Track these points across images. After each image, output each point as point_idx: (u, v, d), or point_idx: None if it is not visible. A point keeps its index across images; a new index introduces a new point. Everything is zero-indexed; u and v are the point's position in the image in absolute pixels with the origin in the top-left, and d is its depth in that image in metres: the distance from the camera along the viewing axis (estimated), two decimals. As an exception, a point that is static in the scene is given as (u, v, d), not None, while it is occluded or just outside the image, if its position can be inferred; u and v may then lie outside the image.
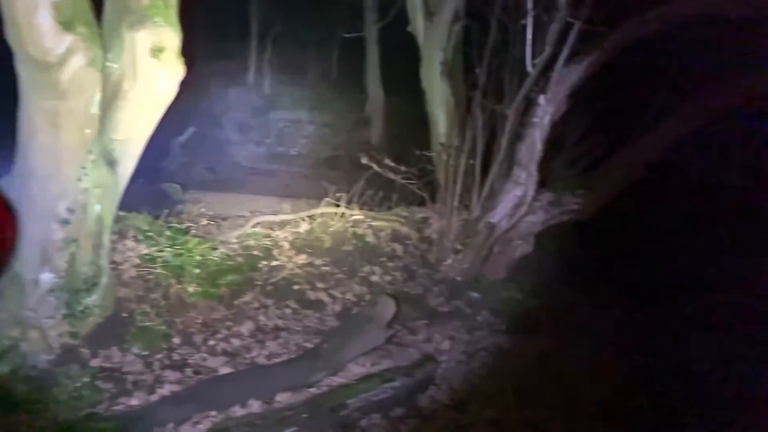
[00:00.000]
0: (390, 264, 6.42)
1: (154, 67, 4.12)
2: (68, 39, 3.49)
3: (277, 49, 19.24)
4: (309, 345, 5.06)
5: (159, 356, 4.47)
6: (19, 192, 3.84)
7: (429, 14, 7.98)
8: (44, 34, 3.42)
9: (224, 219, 8.73)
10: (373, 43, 15.19)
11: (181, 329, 4.79)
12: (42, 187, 3.88)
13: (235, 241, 6.21)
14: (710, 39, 6.38)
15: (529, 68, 5.54)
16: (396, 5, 9.43)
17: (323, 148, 16.49)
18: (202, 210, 9.21)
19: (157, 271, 4.93)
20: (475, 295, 6.44)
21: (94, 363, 4.20)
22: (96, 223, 4.14)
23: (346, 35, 11.19)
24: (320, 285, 5.97)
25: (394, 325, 5.22)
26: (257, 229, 6.44)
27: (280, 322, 5.39)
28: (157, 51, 4.09)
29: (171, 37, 4.16)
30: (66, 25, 3.46)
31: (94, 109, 3.81)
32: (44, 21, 3.39)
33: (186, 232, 5.77)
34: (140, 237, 5.25)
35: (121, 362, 4.29)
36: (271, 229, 6.56)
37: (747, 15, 5.74)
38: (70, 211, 3.95)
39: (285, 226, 6.58)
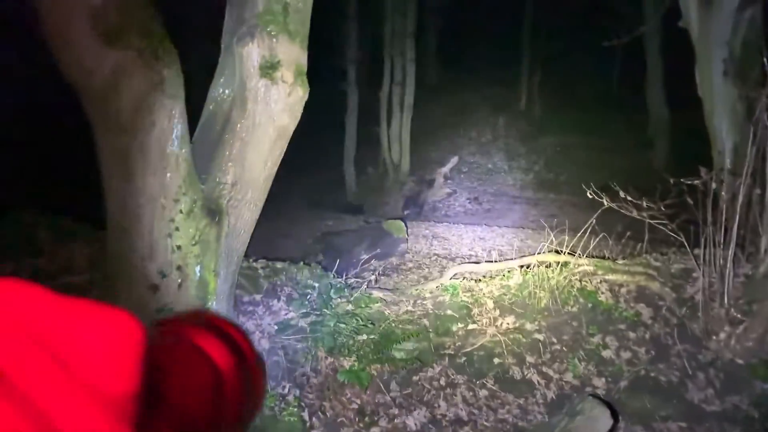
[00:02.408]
0: (631, 334, 4.65)
1: (264, 89, 3.23)
2: (113, 56, 2.69)
3: (547, 71, 18.04)
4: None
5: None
6: (112, 248, 3.22)
7: (705, 2, 6.13)
8: (83, 50, 2.68)
9: (452, 259, 7.83)
10: (654, 53, 13.15)
11: (327, 418, 3.76)
12: (129, 245, 3.16)
13: (428, 295, 5.07)
14: None
15: None
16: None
17: (597, 174, 14.87)
18: (428, 251, 8.37)
19: (302, 341, 3.96)
20: (766, 387, 4.37)
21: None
22: (198, 288, 3.32)
23: (606, 44, 9.26)
24: (530, 359, 4.51)
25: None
26: (457, 281, 5.21)
27: (464, 412, 4.07)
28: (267, 68, 3.19)
29: (287, 51, 3.25)
30: (111, 37, 2.66)
31: (174, 146, 2.99)
32: (80, 34, 2.64)
33: (354, 286, 4.76)
34: (295, 295, 4.37)
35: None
36: (476, 281, 5.28)
37: None
38: (161, 274, 3.18)
39: (494, 278, 5.24)
